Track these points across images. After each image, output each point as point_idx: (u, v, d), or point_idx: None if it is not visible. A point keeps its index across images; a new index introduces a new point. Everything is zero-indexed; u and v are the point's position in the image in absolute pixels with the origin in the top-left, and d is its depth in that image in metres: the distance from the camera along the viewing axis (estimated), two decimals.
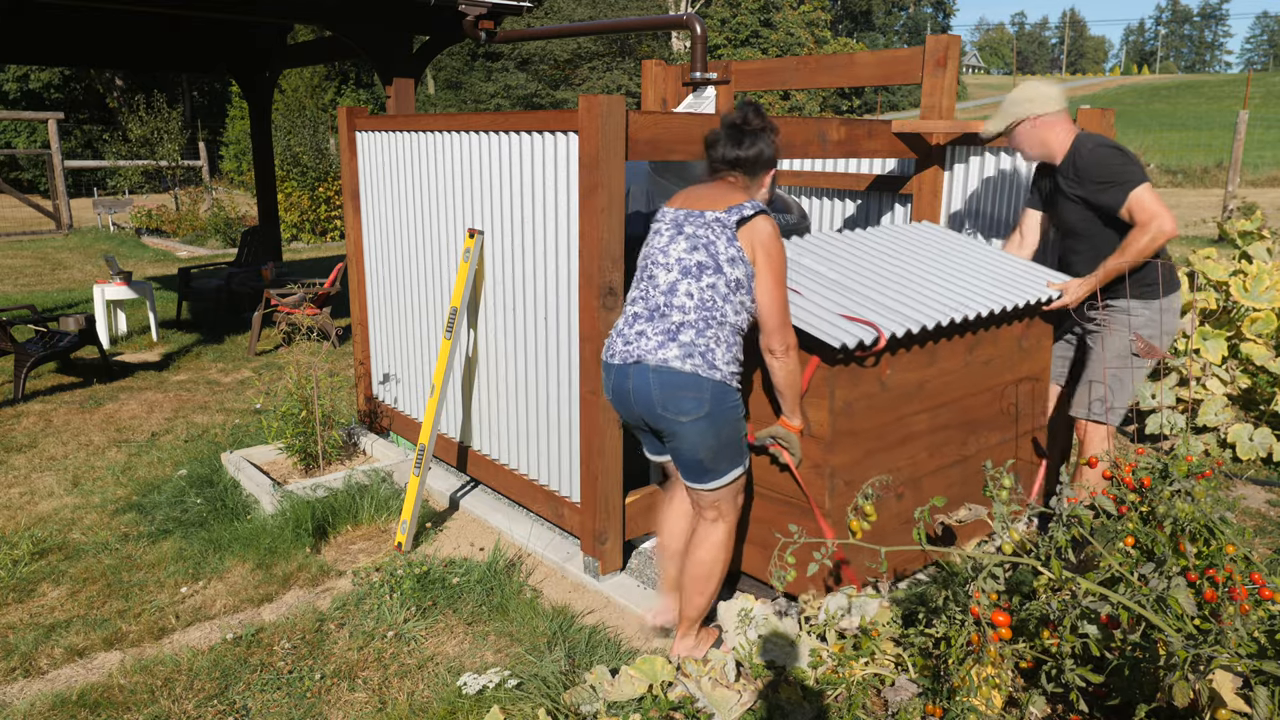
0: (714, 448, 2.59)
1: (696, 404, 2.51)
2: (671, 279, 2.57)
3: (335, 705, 2.75)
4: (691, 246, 2.56)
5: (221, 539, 3.79)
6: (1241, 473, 4.60)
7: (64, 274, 11.55)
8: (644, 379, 2.54)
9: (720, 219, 2.55)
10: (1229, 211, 12.41)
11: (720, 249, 2.53)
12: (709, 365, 2.51)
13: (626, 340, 2.61)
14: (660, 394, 2.52)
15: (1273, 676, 2.07)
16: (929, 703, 2.43)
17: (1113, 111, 3.73)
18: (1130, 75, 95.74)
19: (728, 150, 2.66)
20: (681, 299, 2.54)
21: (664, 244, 2.62)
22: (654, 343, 2.54)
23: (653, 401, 2.54)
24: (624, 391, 2.61)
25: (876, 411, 2.95)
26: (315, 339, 5.76)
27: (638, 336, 2.58)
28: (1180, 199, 19.06)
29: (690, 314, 2.53)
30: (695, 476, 2.66)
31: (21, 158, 27.05)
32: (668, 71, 4.97)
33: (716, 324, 2.53)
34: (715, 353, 2.52)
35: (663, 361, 2.51)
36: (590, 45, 35.97)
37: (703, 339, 2.52)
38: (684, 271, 2.55)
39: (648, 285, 2.63)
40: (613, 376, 2.64)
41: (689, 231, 2.57)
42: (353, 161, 4.74)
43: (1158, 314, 3.30)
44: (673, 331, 2.53)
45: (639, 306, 2.63)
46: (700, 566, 2.75)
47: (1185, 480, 2.47)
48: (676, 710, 2.50)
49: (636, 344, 2.57)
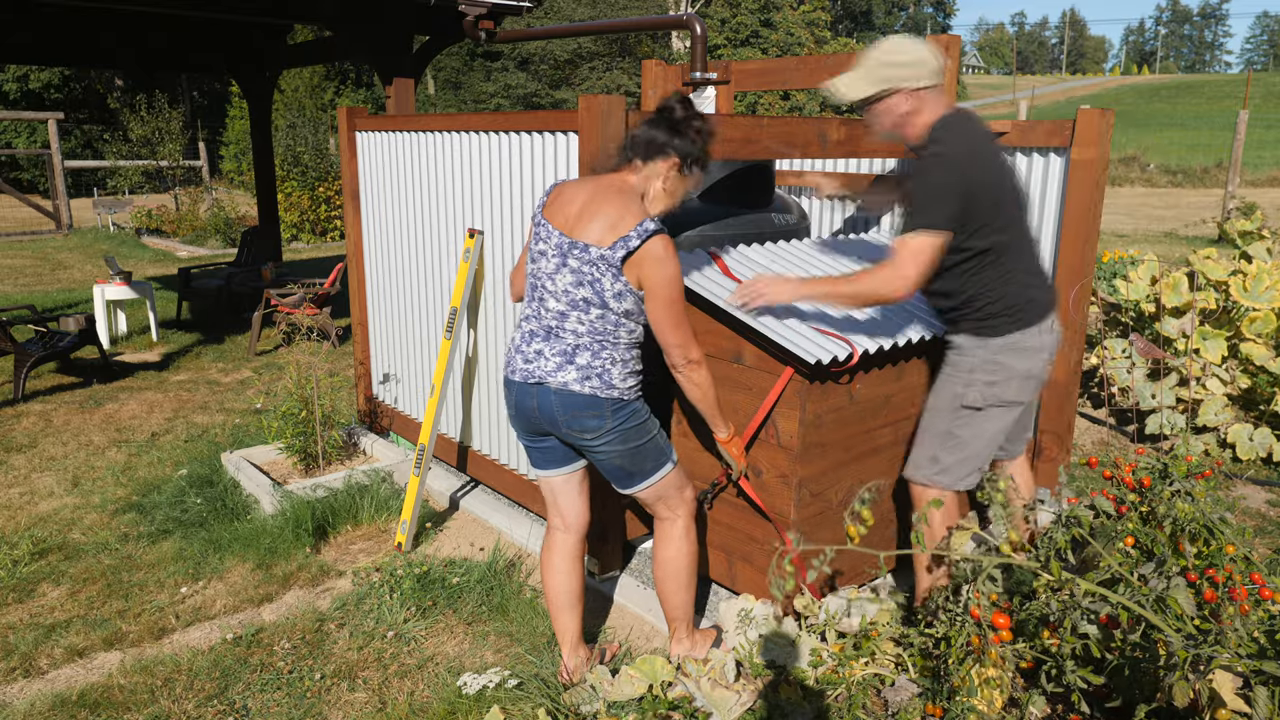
0: (628, 455, 2.58)
1: (599, 421, 2.52)
2: (560, 308, 2.53)
3: (335, 705, 2.75)
4: (577, 282, 2.48)
5: (221, 539, 3.79)
6: (1241, 473, 4.60)
7: (64, 274, 11.55)
8: (547, 399, 2.54)
9: (605, 257, 2.44)
10: (1229, 211, 12.41)
11: (606, 286, 2.46)
12: (606, 385, 2.51)
13: (526, 359, 2.58)
14: (564, 415, 2.53)
15: (1273, 676, 2.07)
16: (929, 703, 2.43)
17: (1112, 112, 3.74)
18: (1130, 75, 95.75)
19: (635, 131, 2.54)
20: (573, 324, 2.52)
21: (550, 270, 2.53)
22: (552, 364, 2.53)
23: (557, 421, 2.55)
24: (528, 409, 2.59)
25: (844, 425, 2.97)
26: (315, 339, 5.76)
27: (536, 355, 2.56)
28: (1180, 199, 19.06)
29: (584, 337, 2.52)
30: (623, 483, 2.65)
31: (21, 158, 27.04)
32: (668, 71, 4.97)
33: (610, 345, 2.52)
34: (611, 373, 2.52)
35: (563, 385, 2.51)
36: (590, 45, 35.97)
37: (598, 360, 2.51)
38: (571, 304, 2.51)
39: (539, 306, 2.58)
40: (514, 393, 2.62)
41: (573, 266, 2.48)
42: (353, 161, 4.74)
43: (995, 354, 2.73)
44: (569, 354, 2.52)
45: (534, 325, 2.60)
46: (668, 565, 2.72)
47: (1185, 480, 2.47)
48: (675, 710, 2.50)
49: (536, 363, 2.55)
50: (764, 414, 2.90)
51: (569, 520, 2.73)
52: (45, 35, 7.84)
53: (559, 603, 2.74)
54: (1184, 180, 22.05)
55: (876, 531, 3.22)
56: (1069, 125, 3.71)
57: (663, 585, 2.75)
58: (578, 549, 2.75)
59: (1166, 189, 21.56)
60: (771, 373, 2.87)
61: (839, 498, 3.04)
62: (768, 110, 31.03)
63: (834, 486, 3.01)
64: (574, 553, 2.74)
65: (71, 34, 7.98)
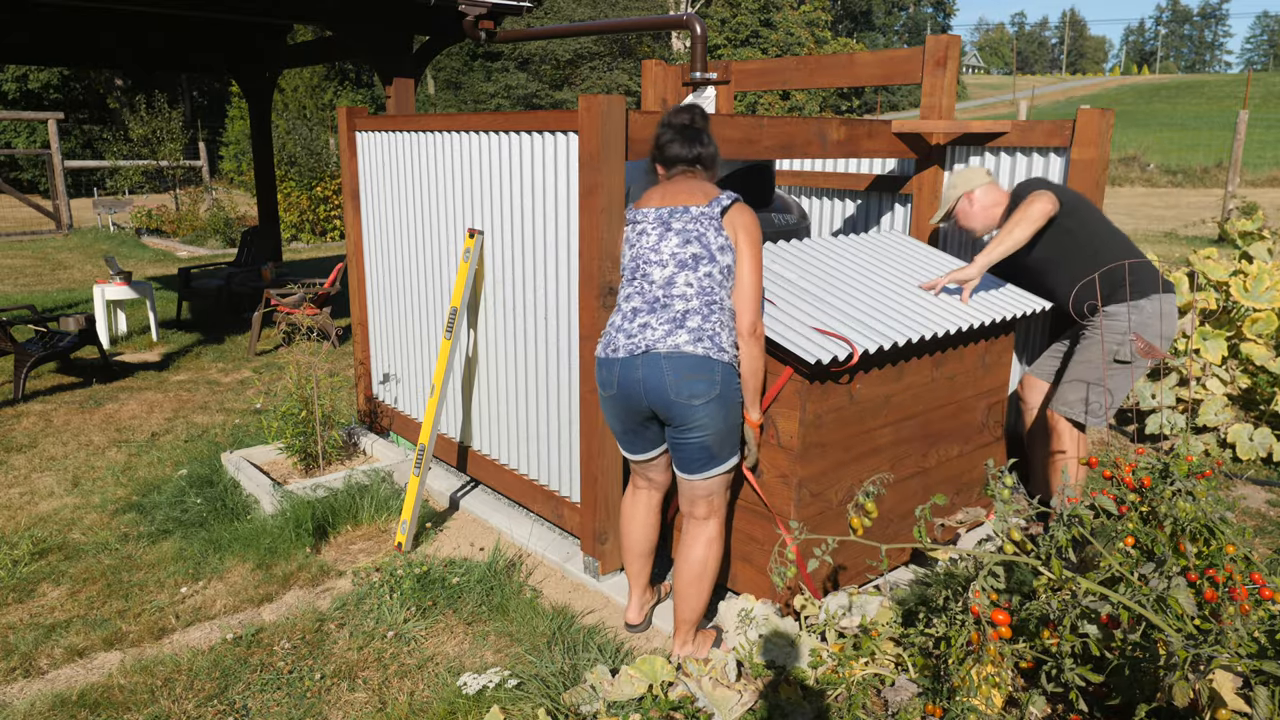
0: (723, 431, 2.63)
1: (709, 385, 2.56)
2: (668, 274, 2.63)
3: (335, 705, 2.75)
4: (684, 241, 2.64)
5: (221, 539, 3.79)
6: (1241, 473, 4.60)
7: (64, 274, 11.55)
8: (656, 367, 2.57)
9: (706, 212, 2.65)
10: (1229, 211, 12.41)
11: (711, 239, 2.62)
12: (718, 348, 2.58)
13: (629, 334, 2.64)
14: (674, 379, 2.55)
15: (1273, 676, 2.07)
16: (929, 702, 2.43)
17: (1112, 112, 3.74)
18: (1130, 75, 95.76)
19: (687, 150, 2.78)
20: (681, 288, 2.61)
21: (654, 242, 2.68)
22: (661, 331, 2.59)
23: (666, 388, 2.56)
24: (633, 382, 2.61)
25: (845, 424, 2.98)
26: (315, 339, 5.76)
27: (642, 329, 2.62)
28: (1180, 199, 19.06)
29: (693, 300, 2.60)
30: (699, 466, 2.66)
31: (21, 158, 27.04)
32: (668, 71, 4.97)
33: (719, 309, 2.62)
34: (721, 336, 2.60)
35: (674, 348, 2.56)
36: (591, 45, 35.98)
37: (709, 324, 2.58)
38: (679, 265, 2.63)
39: (642, 282, 2.68)
40: (618, 370, 2.65)
41: (678, 227, 2.66)
42: (353, 161, 4.74)
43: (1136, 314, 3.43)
44: (679, 319, 2.59)
45: (637, 301, 2.68)
46: (695, 565, 2.74)
47: (1185, 480, 2.47)
48: (676, 710, 2.50)
49: (642, 335, 2.61)
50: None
51: (655, 481, 2.91)
52: (43, 35, 7.84)
53: (635, 550, 2.96)
54: (1184, 180, 22.04)
55: (877, 528, 3.22)
56: (1069, 125, 3.71)
57: (684, 585, 2.76)
58: (658, 503, 2.95)
59: (1166, 189, 21.56)
60: (771, 373, 2.87)
61: (839, 498, 3.04)
62: (768, 110, 31.00)
63: (834, 486, 3.01)
64: (655, 506, 2.95)
65: (70, 34, 7.98)
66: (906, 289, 3.41)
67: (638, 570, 3.00)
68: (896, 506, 3.29)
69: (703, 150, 2.79)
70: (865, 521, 2.61)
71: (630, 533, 2.97)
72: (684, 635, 2.82)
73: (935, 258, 3.82)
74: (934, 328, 3.10)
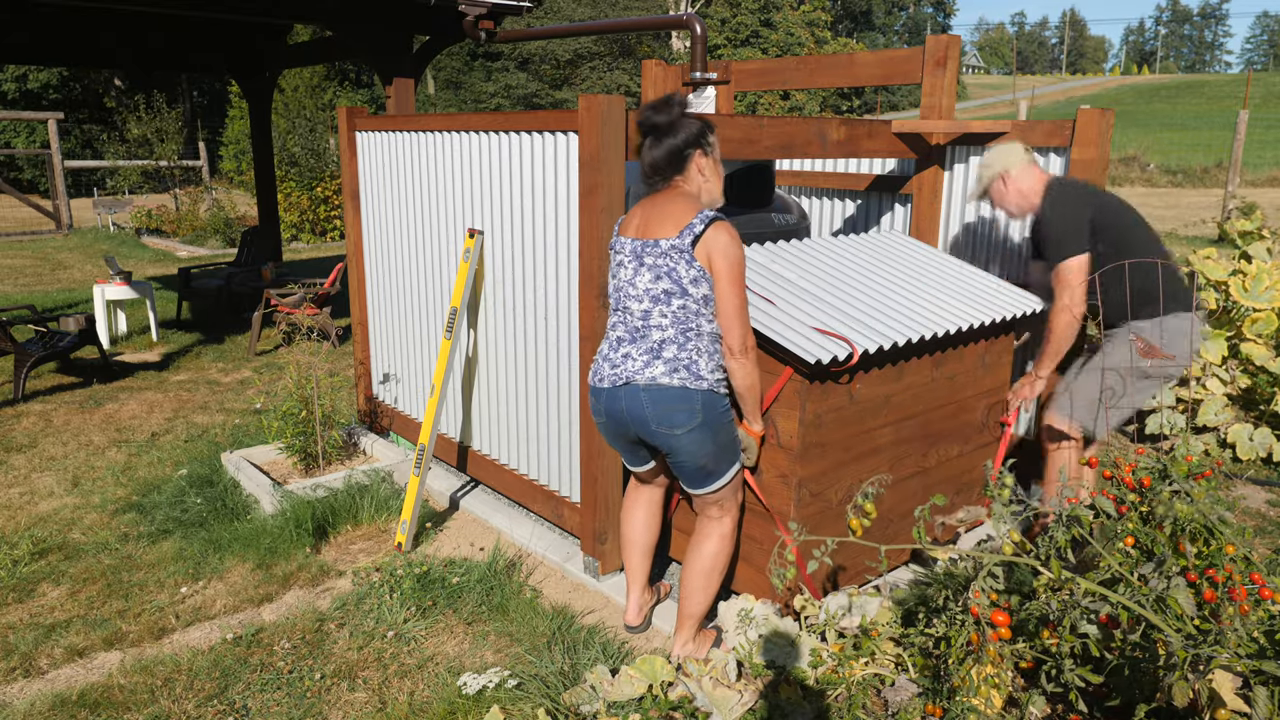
0: (713, 453, 2.65)
1: (689, 415, 2.57)
2: (644, 307, 2.62)
3: (335, 705, 2.75)
4: (655, 277, 2.59)
5: (221, 539, 3.79)
6: (1241, 473, 4.60)
7: (64, 274, 11.55)
8: (635, 399, 2.60)
9: (676, 245, 2.54)
10: (1229, 211, 12.41)
11: (682, 273, 2.55)
12: (695, 376, 2.57)
13: (613, 364, 2.66)
14: (653, 411, 2.58)
15: (1272, 676, 2.07)
16: (929, 702, 2.43)
17: (1112, 112, 3.74)
18: (1130, 75, 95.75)
19: (650, 155, 2.63)
20: (657, 319, 2.60)
21: (630, 277, 2.66)
22: (639, 363, 2.60)
23: (646, 419, 2.60)
24: (617, 413, 2.66)
25: (844, 424, 2.98)
26: (315, 339, 5.76)
27: (623, 359, 2.64)
28: (1180, 199, 19.06)
29: (669, 330, 2.59)
30: (699, 483, 2.70)
31: (21, 158, 27.03)
32: (668, 71, 4.97)
33: (695, 335, 2.59)
34: (699, 363, 2.58)
35: (651, 380, 2.57)
36: (591, 45, 35.98)
37: (684, 352, 2.58)
38: (653, 300, 2.60)
39: (624, 314, 2.69)
40: (603, 400, 2.70)
41: (649, 263, 2.60)
42: (353, 161, 4.74)
43: (1158, 330, 3.36)
44: (655, 349, 2.59)
45: (620, 331, 2.69)
46: (706, 559, 2.77)
47: (1185, 480, 2.47)
48: (676, 710, 2.50)
49: (623, 366, 2.63)
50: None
51: (658, 480, 2.96)
52: (43, 35, 7.84)
53: (635, 544, 2.98)
54: (1184, 180, 22.03)
55: (877, 529, 3.22)
56: (1069, 125, 3.71)
57: (691, 580, 2.78)
58: (660, 498, 2.98)
59: (1166, 189, 21.55)
60: (771, 373, 2.87)
61: (839, 498, 3.04)
62: (768, 110, 31.00)
63: (834, 486, 3.01)
64: (657, 501, 2.98)
65: (70, 34, 7.98)
66: (906, 289, 3.41)
67: (636, 565, 3.01)
68: (896, 506, 3.29)
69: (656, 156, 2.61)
70: (864, 522, 2.61)
71: (630, 527, 2.98)
72: (686, 632, 2.83)
73: (935, 258, 3.82)
74: (934, 328, 3.10)
